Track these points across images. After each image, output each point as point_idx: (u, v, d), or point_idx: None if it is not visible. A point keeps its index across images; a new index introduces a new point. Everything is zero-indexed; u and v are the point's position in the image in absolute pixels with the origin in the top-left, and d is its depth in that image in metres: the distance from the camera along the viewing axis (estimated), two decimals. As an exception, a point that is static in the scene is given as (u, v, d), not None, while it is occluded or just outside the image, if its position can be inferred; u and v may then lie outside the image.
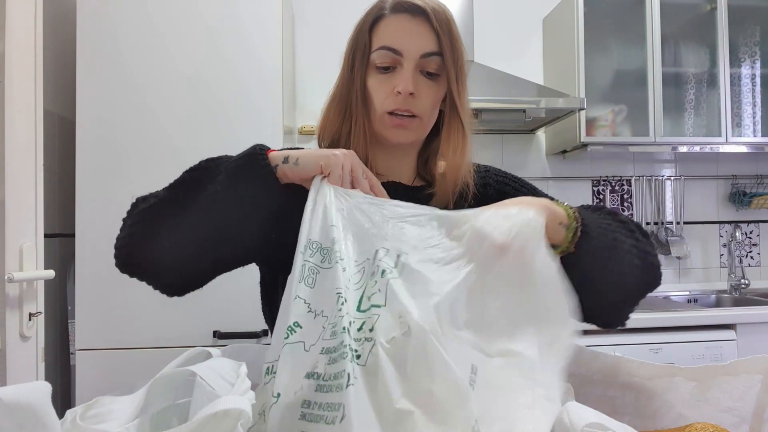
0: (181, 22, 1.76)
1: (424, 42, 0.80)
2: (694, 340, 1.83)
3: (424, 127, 0.86)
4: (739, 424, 0.57)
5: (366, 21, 0.84)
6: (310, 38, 2.38)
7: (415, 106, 0.81)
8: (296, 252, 0.62)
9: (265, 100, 1.77)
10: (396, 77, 0.81)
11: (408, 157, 0.91)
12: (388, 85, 0.81)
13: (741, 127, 2.35)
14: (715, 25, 2.27)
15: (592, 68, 2.27)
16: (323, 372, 0.51)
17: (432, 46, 0.80)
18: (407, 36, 0.80)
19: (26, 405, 0.38)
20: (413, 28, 0.80)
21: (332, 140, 0.87)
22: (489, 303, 0.59)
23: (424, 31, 0.80)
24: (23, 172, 1.35)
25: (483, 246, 0.61)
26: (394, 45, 0.80)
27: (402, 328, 0.53)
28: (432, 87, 0.83)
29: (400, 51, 0.80)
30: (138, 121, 1.73)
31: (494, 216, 0.65)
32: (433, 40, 0.80)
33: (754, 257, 2.62)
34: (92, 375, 1.67)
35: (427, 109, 0.83)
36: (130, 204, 0.82)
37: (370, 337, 0.53)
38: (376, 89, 0.83)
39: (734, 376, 0.59)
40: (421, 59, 0.80)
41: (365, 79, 0.84)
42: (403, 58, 0.80)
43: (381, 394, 0.50)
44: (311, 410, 0.49)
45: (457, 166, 0.86)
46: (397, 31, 0.81)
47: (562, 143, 2.38)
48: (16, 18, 1.32)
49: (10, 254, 1.29)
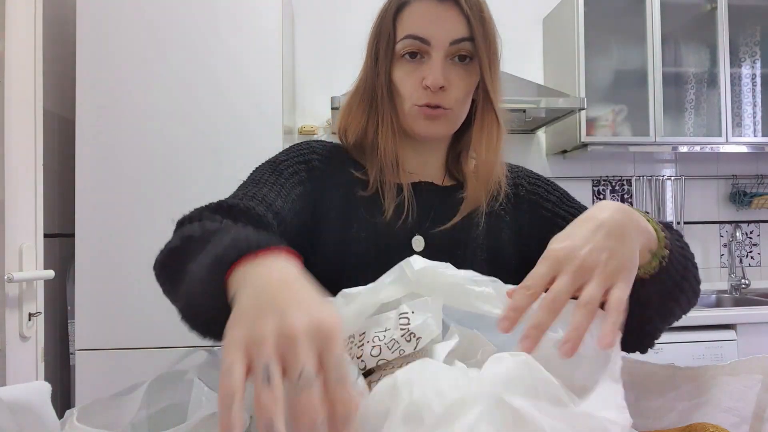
0: (181, 21, 1.76)
1: (454, 27, 0.75)
2: (694, 340, 1.83)
3: (457, 119, 0.80)
4: (739, 424, 0.57)
5: (389, 8, 0.79)
6: (310, 38, 2.38)
7: (446, 99, 0.76)
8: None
9: (265, 100, 1.77)
10: (424, 67, 0.76)
11: (438, 152, 0.86)
12: (415, 76, 0.76)
13: (741, 127, 2.34)
14: (716, 25, 2.27)
15: (592, 68, 2.27)
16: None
17: (462, 31, 0.75)
18: (435, 22, 0.75)
19: (26, 405, 0.38)
20: (441, 14, 0.75)
21: (357, 137, 0.82)
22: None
23: (453, 16, 0.75)
24: (23, 172, 1.35)
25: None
26: (421, 33, 0.75)
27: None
28: (463, 76, 0.77)
29: (427, 39, 0.75)
30: (138, 121, 1.73)
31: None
32: (463, 24, 0.75)
33: (755, 257, 2.62)
34: (92, 375, 1.67)
35: (459, 101, 0.78)
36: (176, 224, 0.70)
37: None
38: (403, 81, 0.77)
39: (734, 376, 0.59)
40: (450, 46, 0.75)
41: (391, 70, 0.79)
42: (431, 47, 0.75)
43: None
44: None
45: (490, 163, 0.81)
46: (424, 18, 0.75)
47: (562, 143, 2.38)
48: (16, 18, 1.32)
49: (10, 254, 1.29)
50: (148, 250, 1.68)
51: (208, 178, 1.74)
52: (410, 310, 0.50)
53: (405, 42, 0.76)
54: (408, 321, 0.49)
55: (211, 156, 1.75)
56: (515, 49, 2.53)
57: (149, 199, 1.72)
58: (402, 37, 0.77)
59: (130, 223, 1.71)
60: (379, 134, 0.79)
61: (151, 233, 1.69)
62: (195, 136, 1.74)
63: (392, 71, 0.79)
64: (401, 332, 0.48)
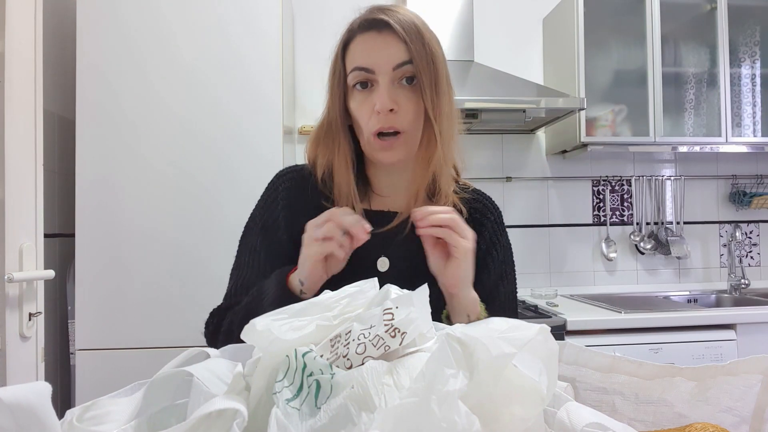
0: (181, 21, 1.76)
1: (394, 53, 0.79)
2: (694, 340, 1.83)
3: (412, 141, 0.84)
4: (739, 424, 0.57)
5: (339, 46, 0.85)
6: (310, 38, 2.38)
7: (398, 121, 0.81)
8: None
9: (265, 100, 1.77)
10: (374, 95, 0.80)
11: (407, 173, 0.89)
12: (368, 104, 0.81)
13: (741, 127, 2.35)
14: (715, 25, 2.27)
15: (592, 68, 2.27)
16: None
17: (402, 56, 0.79)
18: (375, 51, 0.80)
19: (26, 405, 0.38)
20: (380, 43, 0.80)
21: (326, 167, 0.87)
22: None
23: (391, 43, 0.80)
24: (23, 172, 1.35)
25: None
26: (365, 63, 0.80)
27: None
28: (411, 97, 0.81)
29: (371, 68, 0.80)
30: (137, 121, 1.73)
31: None
32: (402, 49, 0.79)
33: (754, 257, 2.62)
34: (92, 375, 1.67)
35: (410, 122, 0.82)
36: (207, 320, 0.88)
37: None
38: (358, 111, 0.82)
39: (734, 376, 0.59)
40: (394, 71, 0.80)
41: (347, 102, 0.84)
42: (376, 75, 0.80)
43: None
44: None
45: (423, 177, 0.85)
46: (366, 49, 0.81)
47: (562, 143, 2.38)
48: (16, 18, 1.32)
49: (10, 254, 1.29)
50: (148, 250, 1.72)
51: (208, 178, 1.74)
52: (394, 306, 0.50)
53: (354, 74, 0.82)
54: (392, 317, 0.49)
55: (211, 156, 1.75)
56: (515, 49, 2.53)
57: (149, 199, 1.72)
58: (350, 70, 0.82)
59: (130, 223, 1.71)
60: (335, 166, 0.86)
61: (151, 233, 1.70)
62: (195, 135, 1.75)
63: (349, 103, 0.84)
64: (385, 328, 0.48)
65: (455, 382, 0.39)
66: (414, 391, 0.40)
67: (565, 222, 2.54)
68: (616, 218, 2.56)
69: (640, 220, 2.54)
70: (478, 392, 0.41)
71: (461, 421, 0.37)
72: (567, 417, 0.48)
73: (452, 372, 0.40)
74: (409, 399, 0.40)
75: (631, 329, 1.83)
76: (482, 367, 0.41)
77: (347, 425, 0.43)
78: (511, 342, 0.41)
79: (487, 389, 0.42)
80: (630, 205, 2.56)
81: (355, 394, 0.44)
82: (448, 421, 0.37)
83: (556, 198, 2.53)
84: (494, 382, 0.42)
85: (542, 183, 2.53)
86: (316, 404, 0.45)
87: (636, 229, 2.54)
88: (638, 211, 2.55)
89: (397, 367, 0.47)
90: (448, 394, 0.38)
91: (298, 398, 0.46)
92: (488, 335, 0.42)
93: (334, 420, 0.44)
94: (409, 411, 0.39)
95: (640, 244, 2.53)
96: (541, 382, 0.43)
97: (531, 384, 0.43)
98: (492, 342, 0.41)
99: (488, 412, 0.42)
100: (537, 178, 2.52)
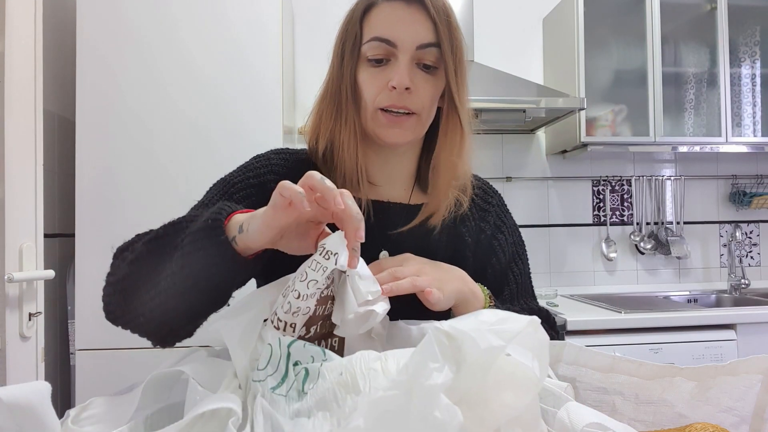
0: (181, 20, 1.76)
1: (421, 32, 0.73)
2: (694, 340, 1.83)
3: (422, 126, 0.79)
4: (739, 424, 0.57)
5: (356, 10, 0.77)
6: (310, 38, 2.38)
7: (412, 102, 0.75)
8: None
9: (265, 100, 1.77)
10: (390, 70, 0.74)
11: (405, 162, 0.85)
12: (380, 79, 0.74)
13: (741, 127, 2.35)
14: (715, 25, 2.27)
15: (592, 68, 2.27)
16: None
17: (429, 37, 0.73)
18: (402, 25, 0.73)
19: (26, 405, 0.38)
20: (408, 17, 0.73)
21: (327, 142, 0.79)
22: None
23: (420, 20, 0.73)
24: (23, 172, 1.35)
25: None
26: (388, 35, 0.73)
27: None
28: (429, 81, 0.76)
29: (394, 42, 0.73)
30: (137, 121, 1.73)
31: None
32: (430, 29, 0.73)
33: (754, 257, 2.62)
34: (92, 375, 1.67)
35: (425, 105, 0.76)
36: (113, 253, 0.76)
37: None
38: (367, 84, 0.75)
39: (734, 376, 0.59)
40: (417, 51, 0.73)
41: (356, 73, 0.76)
42: (397, 50, 0.73)
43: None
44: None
45: (453, 166, 0.79)
46: (391, 20, 0.73)
47: (562, 143, 2.38)
48: (16, 18, 1.32)
49: (10, 254, 1.29)
50: (148, 250, 1.62)
51: (208, 178, 1.74)
52: (325, 242, 0.56)
53: (371, 44, 0.74)
54: (324, 246, 0.55)
55: (211, 156, 1.75)
56: (515, 49, 2.53)
57: (149, 199, 1.72)
58: (368, 38, 0.75)
59: (130, 223, 1.70)
60: (341, 139, 0.77)
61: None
62: (195, 135, 1.74)
63: (357, 74, 0.77)
64: (319, 253, 0.55)
65: (438, 375, 0.39)
66: (396, 384, 0.41)
67: (565, 222, 2.54)
68: (616, 218, 2.56)
69: (640, 220, 2.54)
70: (466, 383, 0.41)
71: (441, 416, 0.38)
72: (567, 417, 0.48)
73: (436, 366, 0.40)
74: (391, 392, 0.40)
75: (631, 329, 1.83)
76: (471, 360, 0.41)
77: (332, 407, 0.45)
78: (499, 335, 0.41)
79: (475, 381, 0.42)
80: (630, 205, 2.56)
81: (343, 381, 0.47)
82: (427, 414, 0.38)
83: (556, 198, 2.53)
84: (483, 375, 0.42)
85: (542, 183, 2.53)
86: (303, 389, 0.47)
87: (636, 229, 2.54)
88: (638, 211, 2.55)
89: (387, 355, 0.49)
90: (430, 388, 0.39)
91: (284, 385, 0.47)
92: (477, 328, 0.42)
93: (320, 403, 0.46)
94: (391, 403, 0.40)
95: (640, 244, 2.53)
96: (533, 368, 0.43)
97: (523, 370, 0.43)
98: (480, 335, 0.41)
99: (477, 400, 0.42)
100: (537, 178, 2.52)
